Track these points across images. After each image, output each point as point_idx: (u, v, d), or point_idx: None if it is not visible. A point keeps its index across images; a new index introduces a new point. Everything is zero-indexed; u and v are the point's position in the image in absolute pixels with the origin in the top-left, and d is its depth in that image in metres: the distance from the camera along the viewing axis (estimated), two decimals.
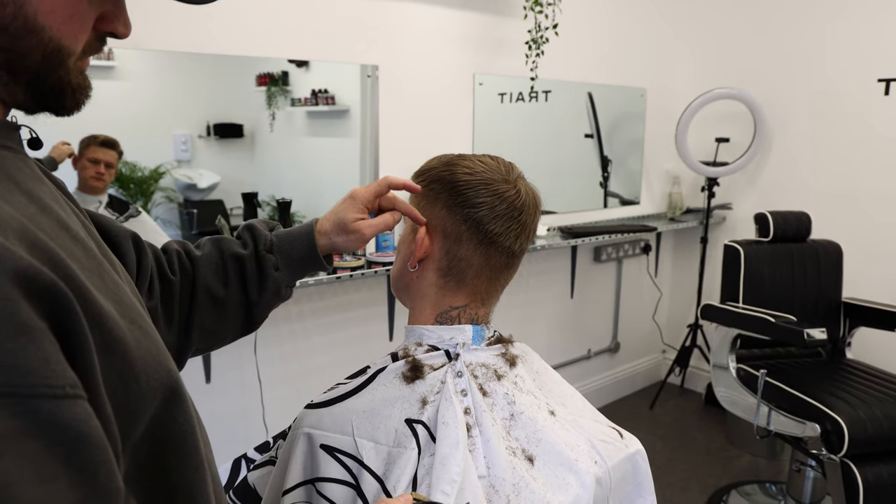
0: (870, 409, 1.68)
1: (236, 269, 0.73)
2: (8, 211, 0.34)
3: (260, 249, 0.74)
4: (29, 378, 0.30)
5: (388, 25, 1.90)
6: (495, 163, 0.73)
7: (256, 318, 0.76)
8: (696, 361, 2.90)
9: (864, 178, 2.40)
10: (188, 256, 0.72)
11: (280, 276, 0.75)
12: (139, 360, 0.38)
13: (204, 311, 0.71)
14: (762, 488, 2.25)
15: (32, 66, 0.41)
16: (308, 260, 0.76)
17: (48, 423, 0.31)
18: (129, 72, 1.56)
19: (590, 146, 2.62)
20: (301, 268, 0.77)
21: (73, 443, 0.32)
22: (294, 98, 1.82)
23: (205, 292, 0.71)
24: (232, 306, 0.73)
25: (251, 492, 0.76)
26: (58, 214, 0.40)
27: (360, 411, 0.69)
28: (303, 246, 0.76)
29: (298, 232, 0.77)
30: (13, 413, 0.29)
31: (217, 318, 0.72)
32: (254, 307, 0.74)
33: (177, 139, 1.68)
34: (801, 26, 2.52)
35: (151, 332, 0.42)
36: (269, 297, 0.75)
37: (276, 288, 0.75)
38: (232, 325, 0.75)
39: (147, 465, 0.40)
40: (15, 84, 0.41)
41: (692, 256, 2.90)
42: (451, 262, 0.72)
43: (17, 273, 0.31)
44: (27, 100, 0.43)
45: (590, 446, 0.72)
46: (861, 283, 2.33)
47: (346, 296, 1.94)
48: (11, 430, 0.29)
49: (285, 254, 0.75)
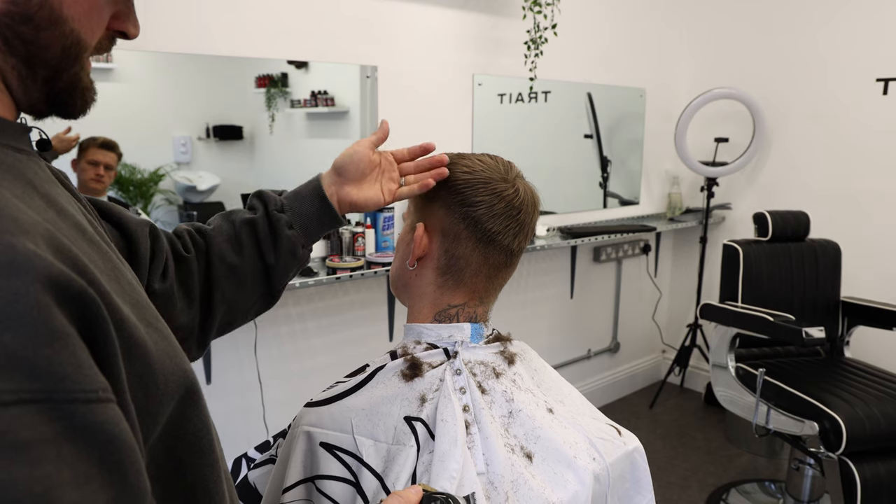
0: (868, 408, 1.68)
1: (249, 233, 0.72)
2: (33, 216, 0.35)
3: (271, 210, 0.73)
4: (64, 383, 0.31)
5: (387, 26, 1.90)
6: (494, 162, 0.73)
7: (276, 285, 0.75)
8: (696, 361, 2.90)
9: (863, 178, 2.41)
10: (199, 233, 0.71)
11: (294, 235, 0.73)
12: (157, 363, 0.39)
13: (223, 282, 0.70)
14: (761, 487, 2.25)
15: (52, 59, 0.41)
16: (321, 213, 0.75)
17: (83, 427, 0.31)
18: (129, 74, 1.57)
19: (589, 146, 2.62)
20: (315, 224, 0.75)
21: (106, 445, 0.32)
22: (293, 99, 1.82)
23: (221, 262, 0.70)
24: (250, 273, 0.72)
25: (252, 490, 0.76)
26: (74, 217, 0.41)
27: (360, 409, 0.69)
28: (312, 198, 0.75)
29: (306, 186, 0.76)
30: (50, 418, 0.30)
31: (237, 288, 0.71)
32: (272, 271, 0.73)
33: (176, 141, 1.68)
34: (799, 26, 2.52)
35: (166, 332, 0.43)
36: (286, 259, 0.74)
37: (291, 248, 0.73)
38: (251, 294, 0.73)
39: (164, 464, 0.40)
40: (32, 80, 0.41)
41: (692, 256, 2.91)
42: (449, 261, 0.72)
43: (49, 279, 0.32)
44: (40, 99, 0.43)
45: (588, 443, 0.73)
46: (859, 283, 2.33)
47: (346, 296, 1.95)
48: (49, 434, 0.30)
49: (296, 211, 0.74)
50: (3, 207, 0.33)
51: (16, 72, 0.41)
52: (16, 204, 0.34)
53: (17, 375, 0.29)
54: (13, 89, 0.41)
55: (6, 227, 0.32)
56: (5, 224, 0.32)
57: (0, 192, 0.34)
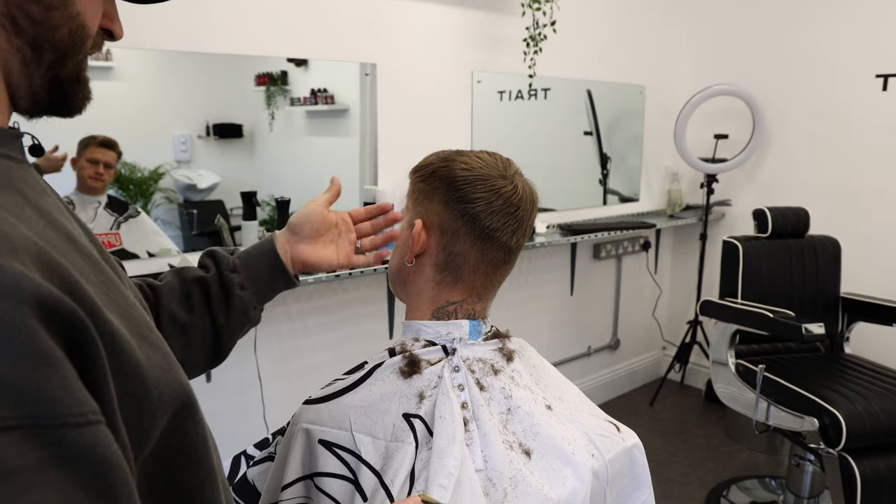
0: (867, 404, 1.68)
1: (200, 292, 0.71)
2: (23, 232, 0.34)
3: (223, 270, 0.72)
4: (53, 408, 0.30)
5: (386, 24, 1.90)
6: (493, 159, 0.73)
7: (225, 345, 0.73)
8: (696, 358, 2.90)
9: (863, 174, 2.40)
10: (150, 288, 0.69)
11: (247, 296, 0.72)
12: (151, 378, 0.38)
13: (171, 339, 0.68)
14: (762, 483, 2.26)
15: (60, 42, 0.40)
16: (274, 274, 0.75)
17: (71, 452, 0.31)
18: (128, 72, 1.56)
19: (589, 143, 2.62)
20: (268, 284, 0.75)
21: (96, 468, 0.32)
22: (293, 97, 1.82)
23: (170, 320, 0.68)
24: (199, 332, 0.70)
25: (250, 488, 0.76)
26: (64, 227, 0.40)
27: (358, 406, 0.69)
28: (266, 258, 0.74)
29: (259, 247, 0.76)
30: (38, 444, 0.30)
31: (184, 347, 0.70)
32: (222, 331, 0.72)
33: (176, 140, 1.68)
34: (799, 23, 2.51)
35: (160, 344, 0.42)
36: (237, 319, 0.72)
37: (243, 308, 0.72)
38: (200, 352, 0.71)
39: (156, 476, 0.40)
40: (37, 64, 0.40)
41: (691, 253, 2.91)
42: (447, 258, 0.72)
43: (37, 301, 0.31)
44: (42, 87, 0.42)
45: (587, 440, 0.73)
46: (859, 279, 2.33)
47: (346, 294, 1.95)
48: (37, 461, 0.30)
49: (249, 272, 0.73)
50: None
51: (20, 55, 0.40)
52: (5, 217, 0.34)
53: (5, 402, 0.29)
54: (13, 76, 0.40)
55: None
56: None
57: None
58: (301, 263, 0.77)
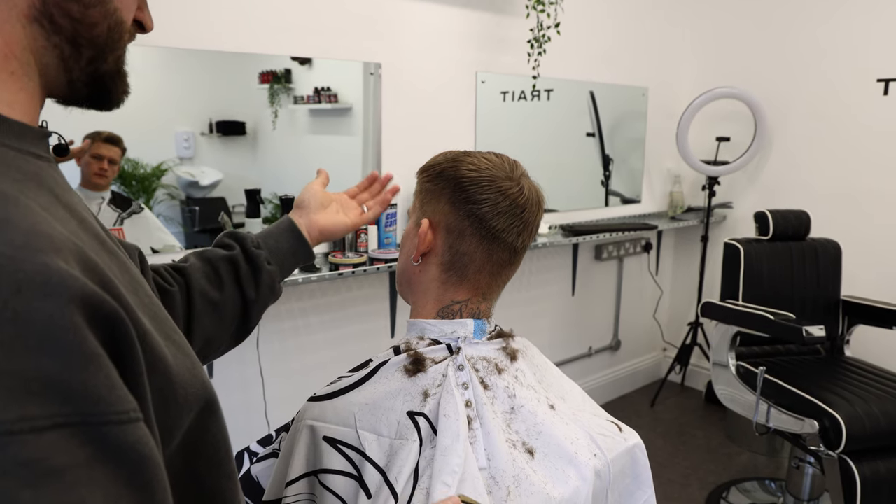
0: (867, 406, 1.69)
1: (229, 270, 0.73)
2: (62, 231, 0.34)
3: (248, 247, 0.75)
4: (99, 406, 0.31)
5: (390, 23, 1.91)
6: (500, 160, 0.74)
7: (252, 320, 0.76)
8: (697, 359, 2.91)
9: (864, 178, 2.41)
10: (176, 270, 0.71)
11: (274, 270, 0.76)
12: (177, 377, 0.38)
13: (204, 317, 0.70)
14: (761, 485, 2.26)
15: (98, 38, 0.41)
16: (295, 247, 0.78)
17: (115, 449, 0.32)
18: (132, 69, 1.56)
19: (591, 145, 2.62)
20: (291, 258, 0.79)
21: (136, 465, 0.33)
22: (297, 96, 1.82)
23: (202, 298, 0.70)
24: (230, 308, 0.73)
25: (254, 484, 0.77)
26: (93, 227, 0.40)
27: (363, 404, 0.69)
28: (285, 234, 0.78)
29: (276, 226, 0.80)
30: (84, 441, 0.30)
31: (217, 324, 0.72)
32: (251, 306, 0.74)
33: (179, 136, 1.68)
34: (801, 26, 2.52)
35: (184, 345, 0.42)
36: (265, 293, 0.75)
37: (270, 282, 0.75)
38: (228, 329, 0.74)
39: (181, 474, 0.40)
40: (76, 60, 0.40)
41: (693, 255, 2.91)
42: (453, 257, 0.73)
43: (83, 300, 0.31)
44: (81, 79, 0.41)
45: (589, 439, 0.73)
46: (860, 282, 2.33)
47: (349, 292, 1.95)
48: (83, 458, 0.30)
49: (271, 248, 0.76)
50: (36, 223, 0.33)
51: (58, 51, 0.40)
52: (46, 218, 0.34)
53: (53, 400, 0.30)
54: (49, 71, 0.40)
55: (40, 246, 0.31)
56: (39, 242, 0.31)
57: (29, 205, 0.33)
58: (318, 231, 0.81)
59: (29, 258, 0.30)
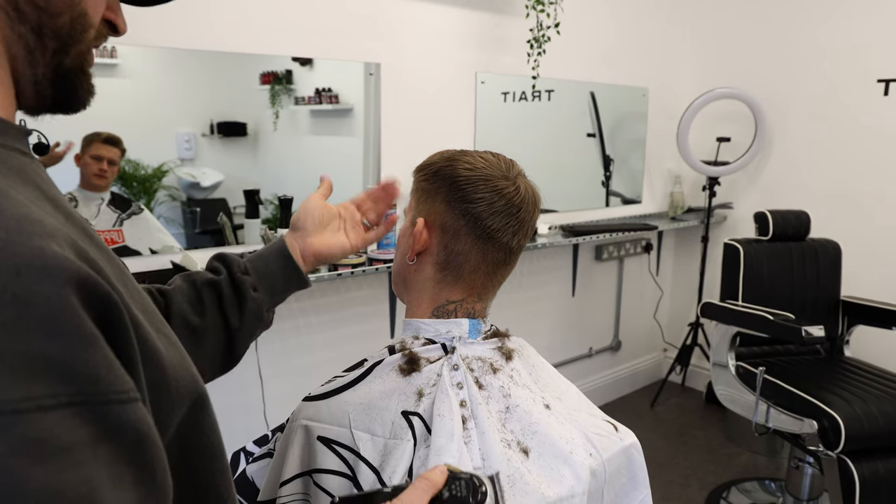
0: (866, 406, 1.68)
1: (212, 295, 0.69)
2: (52, 220, 0.34)
3: (235, 272, 0.70)
4: (99, 386, 0.31)
5: (390, 24, 1.91)
6: (496, 159, 0.74)
7: (238, 349, 0.72)
8: (698, 360, 2.90)
9: (864, 178, 2.40)
10: (159, 292, 0.68)
11: (260, 297, 0.71)
12: (169, 368, 0.39)
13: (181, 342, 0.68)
14: (761, 485, 2.26)
15: (62, 30, 0.41)
16: (286, 273, 0.74)
17: (118, 428, 0.32)
18: (133, 70, 1.57)
19: (592, 145, 2.62)
20: (281, 284, 0.74)
21: (137, 444, 0.33)
22: (298, 97, 1.83)
23: (182, 323, 0.67)
24: (211, 335, 0.69)
25: (249, 484, 0.77)
26: (80, 221, 0.40)
27: (357, 403, 0.70)
28: (276, 257, 0.73)
29: (268, 247, 0.74)
30: (87, 420, 0.31)
31: (195, 353, 0.67)
32: (236, 334, 0.70)
33: (180, 137, 1.69)
34: (802, 27, 2.52)
35: (174, 339, 0.43)
36: (250, 321, 0.71)
37: (256, 310, 0.71)
38: (211, 357, 0.70)
39: (176, 468, 0.40)
40: (41, 51, 0.41)
41: (693, 255, 2.91)
42: (448, 257, 0.73)
43: (78, 282, 0.32)
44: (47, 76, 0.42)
45: (584, 439, 0.73)
46: (860, 282, 2.33)
47: (348, 293, 1.96)
48: (87, 436, 0.31)
49: (260, 272, 0.72)
50: (28, 212, 0.33)
51: (23, 41, 0.40)
52: (35, 208, 0.34)
53: (56, 380, 0.30)
54: (18, 64, 0.41)
55: (33, 230, 0.32)
56: (32, 227, 0.32)
57: (17, 197, 0.34)
58: (313, 256, 0.75)
59: (24, 242, 0.31)
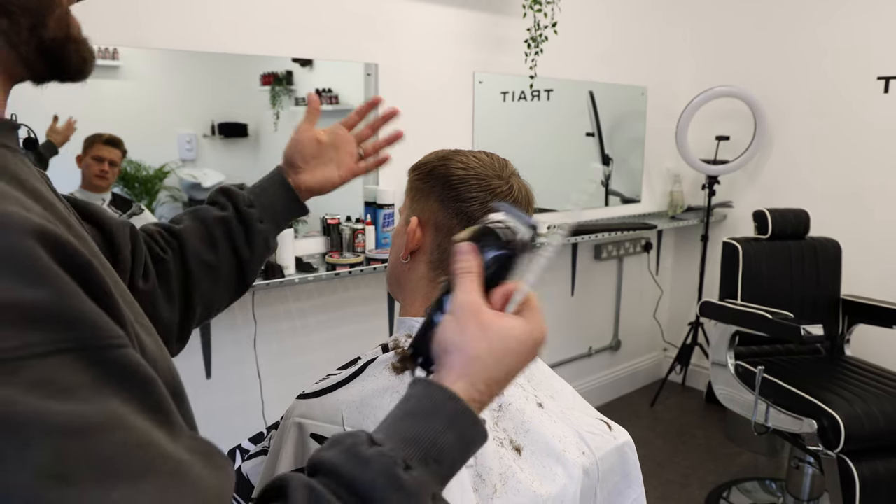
0: (867, 406, 1.68)
1: (223, 231, 0.73)
2: (30, 203, 0.35)
3: (241, 207, 0.74)
4: (96, 331, 0.32)
5: (388, 24, 1.91)
6: (490, 159, 0.74)
7: (249, 278, 0.76)
8: (698, 359, 2.90)
9: (865, 176, 2.40)
10: (170, 232, 0.72)
11: (266, 228, 0.75)
12: (148, 357, 0.39)
13: (200, 280, 0.71)
14: (762, 485, 2.25)
15: (28, 3, 0.40)
16: (287, 203, 0.77)
17: (121, 370, 0.33)
18: (134, 71, 1.58)
19: (591, 144, 2.62)
20: (283, 214, 0.78)
21: (144, 386, 0.34)
22: (298, 97, 1.83)
23: (196, 261, 0.71)
24: (225, 269, 0.73)
25: (244, 481, 0.77)
26: (60, 211, 0.41)
27: (350, 402, 0.70)
28: (277, 189, 0.77)
29: (269, 179, 0.78)
30: (90, 363, 0.31)
31: (213, 284, 0.72)
32: (247, 266, 0.75)
33: (181, 138, 1.70)
34: (800, 24, 2.51)
35: (152, 331, 0.43)
36: (259, 251, 0.75)
37: (264, 240, 0.75)
38: (226, 288, 0.75)
39: None
40: (16, 32, 0.40)
41: (693, 254, 2.90)
42: (441, 255, 0.73)
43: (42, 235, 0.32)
44: (33, 53, 0.41)
45: (578, 437, 0.74)
46: (861, 281, 2.32)
47: (346, 293, 1.96)
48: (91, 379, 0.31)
49: (264, 204, 0.76)
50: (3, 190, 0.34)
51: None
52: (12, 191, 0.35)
53: (50, 327, 0.30)
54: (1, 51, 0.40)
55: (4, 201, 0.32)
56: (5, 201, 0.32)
57: None
58: (306, 191, 0.79)
59: None
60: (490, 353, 0.44)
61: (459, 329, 0.44)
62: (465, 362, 0.43)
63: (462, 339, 0.44)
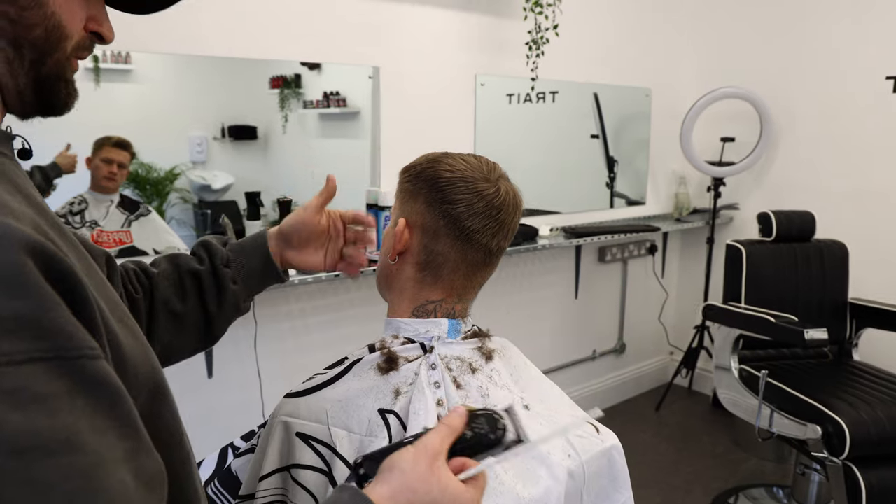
0: (873, 411, 1.65)
1: (194, 284, 0.74)
2: (21, 207, 0.37)
3: (216, 264, 0.75)
4: (71, 342, 0.34)
5: (390, 27, 1.93)
6: (478, 162, 0.74)
7: (216, 332, 0.77)
8: (704, 363, 2.87)
9: (872, 177, 2.36)
10: (145, 274, 0.73)
11: (238, 290, 0.76)
12: (129, 356, 0.40)
13: (163, 326, 0.72)
14: (768, 492, 2.22)
15: (38, 41, 0.43)
16: (264, 271, 0.78)
17: (92, 381, 0.34)
18: (146, 75, 1.61)
19: (596, 146, 2.62)
20: (258, 279, 0.78)
21: (114, 397, 0.35)
22: (306, 100, 1.86)
23: (164, 308, 0.72)
24: (190, 321, 0.74)
25: (233, 478, 0.79)
26: (52, 216, 0.43)
27: (336, 401, 0.71)
28: (258, 255, 0.77)
29: (252, 242, 0.78)
30: (62, 373, 0.33)
31: (175, 333, 0.73)
32: (213, 321, 0.75)
33: (192, 141, 1.72)
34: (806, 24, 2.48)
35: (136, 330, 0.45)
36: (228, 310, 0.76)
37: (234, 301, 0.76)
38: (190, 340, 0.75)
39: None
40: (20, 62, 0.43)
41: (699, 257, 2.88)
42: (428, 257, 0.73)
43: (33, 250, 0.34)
44: (28, 85, 0.45)
45: (564, 440, 0.73)
46: (869, 284, 2.28)
47: (347, 294, 1.98)
48: (64, 388, 0.33)
49: (241, 266, 0.76)
50: None
51: (3, 54, 0.43)
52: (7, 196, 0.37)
53: (26, 337, 0.32)
54: (2, 76, 0.44)
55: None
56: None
57: None
58: (288, 265, 0.81)
59: None
60: (426, 493, 0.47)
61: (413, 460, 0.48)
62: (400, 489, 0.47)
63: (410, 469, 0.48)
